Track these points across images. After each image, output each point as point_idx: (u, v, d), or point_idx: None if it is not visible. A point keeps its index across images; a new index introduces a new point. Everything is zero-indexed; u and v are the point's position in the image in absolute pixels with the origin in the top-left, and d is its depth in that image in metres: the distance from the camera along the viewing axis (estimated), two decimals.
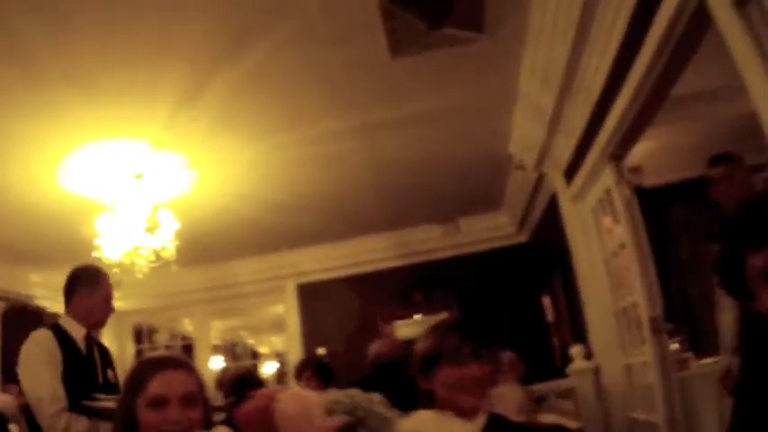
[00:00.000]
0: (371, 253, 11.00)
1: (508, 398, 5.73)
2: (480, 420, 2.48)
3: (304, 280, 11.39)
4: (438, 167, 8.12)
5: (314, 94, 5.99)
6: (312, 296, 11.34)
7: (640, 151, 6.44)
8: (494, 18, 5.09)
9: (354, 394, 2.31)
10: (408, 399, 2.61)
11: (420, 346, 2.60)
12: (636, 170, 7.11)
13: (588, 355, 6.77)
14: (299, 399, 1.97)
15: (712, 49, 3.36)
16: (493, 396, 5.20)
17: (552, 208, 7.82)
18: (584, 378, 6.67)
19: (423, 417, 2.30)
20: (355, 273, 11.04)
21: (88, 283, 4.38)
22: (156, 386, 2.39)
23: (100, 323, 4.43)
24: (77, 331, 4.23)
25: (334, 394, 2.30)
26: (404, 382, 2.72)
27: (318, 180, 7.98)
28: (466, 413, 2.44)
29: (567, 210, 7.04)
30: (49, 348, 4.02)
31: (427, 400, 2.53)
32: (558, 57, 5.31)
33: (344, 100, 6.18)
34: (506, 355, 6.45)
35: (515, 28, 5.30)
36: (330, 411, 2.18)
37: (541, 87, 5.88)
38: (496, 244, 10.85)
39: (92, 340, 4.34)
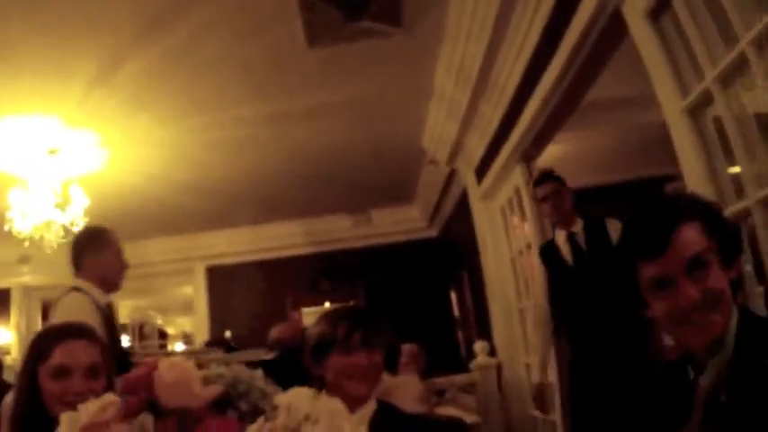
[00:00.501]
0: (282, 239, 10.96)
1: (407, 388, 5.77)
2: (369, 408, 2.50)
3: (214, 263, 11.31)
4: (351, 158, 8.13)
5: (229, 79, 5.94)
6: (221, 279, 11.27)
7: (554, 154, 6.53)
8: (412, 13, 5.10)
9: (238, 369, 2.32)
10: (304, 384, 2.61)
11: (312, 333, 2.62)
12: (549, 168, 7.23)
13: (492, 352, 6.85)
14: (177, 368, 1.97)
15: (633, 57, 3.43)
16: (391, 386, 5.25)
17: (463, 204, 7.89)
18: (486, 374, 6.74)
19: (299, 392, 2.31)
20: (265, 258, 10.98)
21: (95, 245, 4.22)
22: (59, 356, 2.31)
23: (117, 285, 4.25)
24: (99, 296, 4.05)
25: (218, 368, 2.31)
26: (302, 366, 2.73)
27: (231, 164, 7.90)
28: (355, 401, 2.45)
29: (477, 207, 7.12)
30: (90, 314, 3.83)
31: (319, 387, 2.53)
32: (473, 56, 5.35)
33: (260, 86, 6.14)
34: (408, 347, 6.48)
35: (433, 25, 5.32)
36: (211, 383, 2.18)
37: (456, 85, 5.92)
38: (407, 237, 10.89)
39: (110, 304, 4.18)
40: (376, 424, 2.46)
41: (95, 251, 4.20)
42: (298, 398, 2.26)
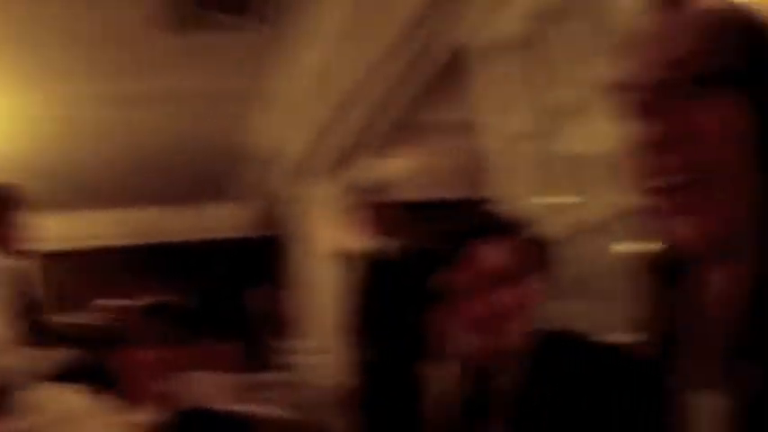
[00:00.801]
0: (109, 228, 10.50)
1: (219, 386, 5.74)
2: (174, 407, 2.43)
3: (40, 248, 10.80)
4: (187, 150, 7.92)
5: (73, 53, 5.66)
6: (48, 266, 10.79)
7: (391, 166, 6.64)
8: (264, 10, 5.09)
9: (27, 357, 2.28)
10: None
11: (113, 327, 2.53)
12: (383, 184, 7.36)
13: (311, 351, 6.90)
14: None
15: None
16: (204, 383, 5.23)
17: (288, 205, 7.92)
18: (304, 371, 6.79)
19: (59, 390, 2.25)
20: (92, 246, 10.58)
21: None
22: None
23: (19, 250, 4.02)
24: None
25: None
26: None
27: (66, 144, 7.50)
28: (152, 399, 2.39)
29: (297, 209, 7.27)
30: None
31: (117, 383, 2.46)
32: (317, 61, 5.41)
33: (103, 65, 5.89)
34: (223, 344, 6.44)
35: (284, 25, 5.31)
36: None
37: (298, 87, 5.97)
38: (233, 234, 10.67)
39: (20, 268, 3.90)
40: (185, 422, 2.42)
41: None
42: (56, 396, 2.18)
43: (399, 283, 4.86)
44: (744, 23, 0.90)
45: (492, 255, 1.89)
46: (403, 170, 7.67)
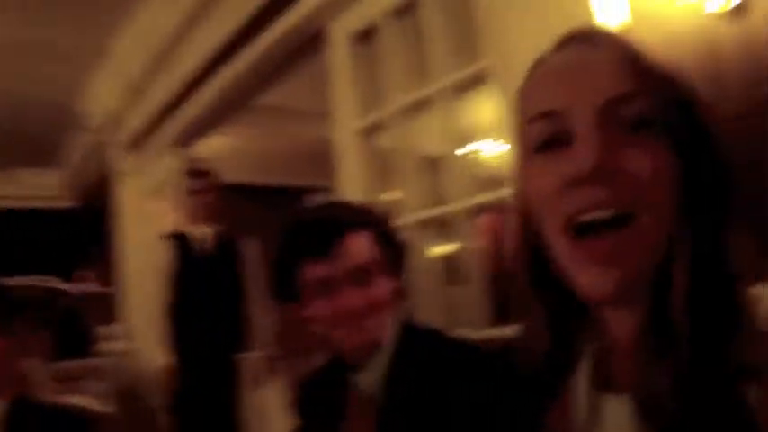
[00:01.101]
0: None
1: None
2: (3, 404, 2.25)
3: None
4: (7, 108, 7.19)
5: None
6: None
7: (214, 144, 6.52)
8: None
9: None
10: None
11: None
12: (212, 166, 7.28)
13: (126, 337, 6.73)
14: None
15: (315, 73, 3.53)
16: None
17: (109, 179, 7.61)
18: (119, 360, 6.62)
19: None
20: None
21: None
22: None
23: None
24: None
25: None
26: None
27: None
28: None
29: (124, 184, 6.98)
30: None
31: None
32: (162, 27, 5.17)
33: None
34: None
35: None
36: None
37: (135, 53, 5.69)
38: (41, 204, 10.09)
39: None
40: (12, 419, 2.25)
41: None
42: None
43: (216, 269, 4.86)
44: (672, 74, 0.93)
45: (358, 248, 1.85)
46: (236, 152, 7.57)
